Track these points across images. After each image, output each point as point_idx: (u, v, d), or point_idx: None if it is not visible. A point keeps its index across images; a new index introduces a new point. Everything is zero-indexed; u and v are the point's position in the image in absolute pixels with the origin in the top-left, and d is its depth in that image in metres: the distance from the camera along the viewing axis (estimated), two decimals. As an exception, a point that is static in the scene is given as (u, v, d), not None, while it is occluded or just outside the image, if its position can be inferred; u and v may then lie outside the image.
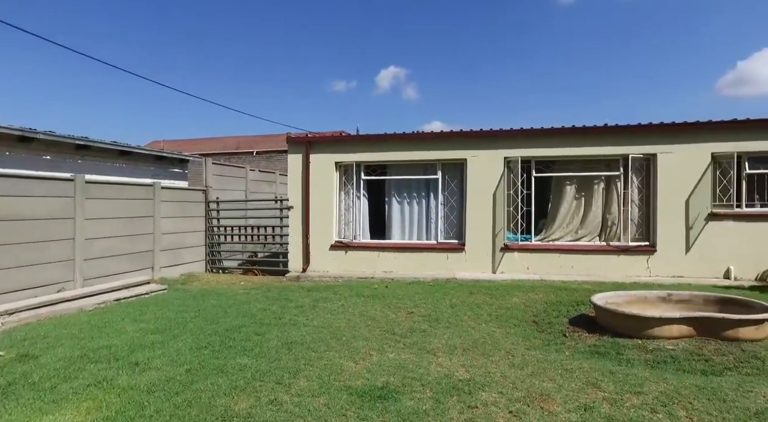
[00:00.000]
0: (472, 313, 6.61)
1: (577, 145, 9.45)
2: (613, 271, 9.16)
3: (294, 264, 10.56)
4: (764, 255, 8.67)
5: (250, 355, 4.66)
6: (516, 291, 7.84)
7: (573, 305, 6.91)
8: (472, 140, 9.88)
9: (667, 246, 9.06)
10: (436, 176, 10.21)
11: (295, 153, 10.65)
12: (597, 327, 5.84)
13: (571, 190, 9.79)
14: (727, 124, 8.85)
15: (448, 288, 8.33)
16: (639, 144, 9.21)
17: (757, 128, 8.77)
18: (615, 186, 9.54)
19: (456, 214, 10.15)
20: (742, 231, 8.80)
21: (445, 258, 9.92)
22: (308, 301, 7.36)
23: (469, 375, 4.19)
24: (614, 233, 9.54)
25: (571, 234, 9.77)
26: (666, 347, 5.11)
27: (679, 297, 6.46)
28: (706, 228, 8.92)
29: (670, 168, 9.07)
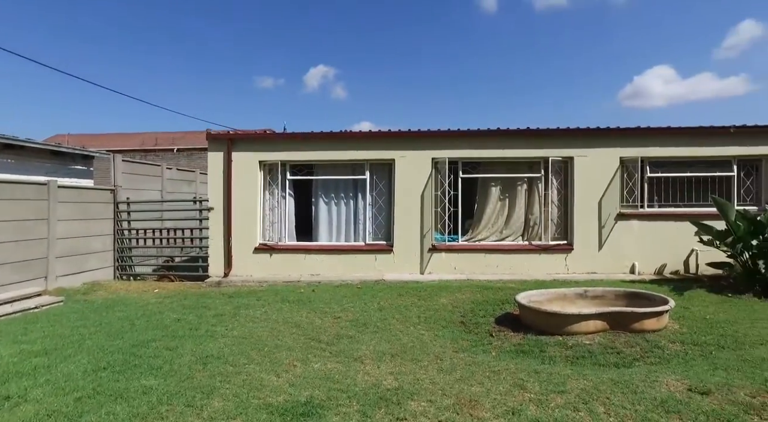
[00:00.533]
0: (401, 316, 6.52)
1: (501, 147, 9.73)
2: (535, 269, 9.54)
3: (215, 268, 9.92)
4: (662, 251, 9.43)
5: (158, 375, 4.18)
6: (444, 292, 7.88)
7: (498, 304, 7.05)
8: (401, 140, 9.84)
9: (582, 244, 9.59)
10: (365, 176, 10.05)
11: (216, 151, 10.00)
12: (521, 325, 5.97)
13: (496, 191, 10.07)
14: (633, 131, 9.54)
15: (376, 290, 8.19)
16: (558, 147, 9.66)
17: (657, 135, 9.53)
18: (536, 187, 9.94)
19: (384, 215, 10.05)
20: (645, 229, 9.52)
21: (373, 259, 9.78)
22: (229, 309, 6.88)
23: (397, 383, 4.05)
24: (536, 233, 9.94)
25: (496, 234, 10.04)
26: (584, 342, 5.31)
27: (593, 293, 6.80)
28: (616, 227, 9.55)
29: (585, 170, 9.61)
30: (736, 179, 9.64)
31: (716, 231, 8.10)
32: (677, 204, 9.73)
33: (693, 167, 9.72)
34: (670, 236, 9.41)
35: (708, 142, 9.49)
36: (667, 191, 9.78)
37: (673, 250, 9.43)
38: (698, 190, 9.73)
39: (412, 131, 9.83)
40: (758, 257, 7.77)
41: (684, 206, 9.68)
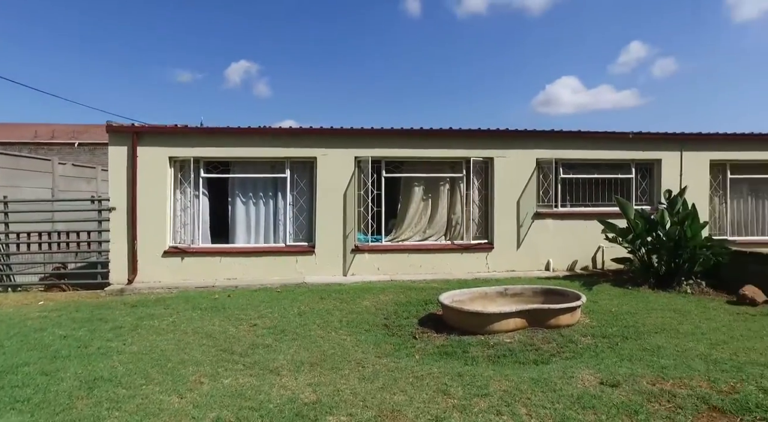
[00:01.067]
0: (322, 321, 6.22)
1: (424, 146, 9.74)
2: (458, 268, 9.66)
3: (117, 275, 8.95)
4: (573, 248, 9.98)
5: (24, 409, 3.52)
6: (367, 294, 7.69)
7: (422, 304, 6.98)
8: (323, 138, 9.53)
9: (502, 243, 9.88)
10: (285, 175, 9.60)
11: (118, 145, 9.04)
12: (445, 325, 5.92)
13: (419, 190, 10.08)
14: (548, 134, 9.99)
15: (297, 294, 7.82)
16: (479, 148, 9.87)
17: (569, 139, 10.06)
18: (459, 187, 10.09)
19: (306, 215, 9.68)
20: (558, 228, 10.02)
21: (294, 261, 9.37)
22: (130, 320, 6.17)
23: (316, 396, 3.76)
24: (458, 232, 10.09)
25: (420, 233, 10.06)
26: (505, 341, 5.36)
27: (513, 291, 6.96)
28: (533, 226, 9.95)
29: (504, 171, 9.90)
30: (634, 181, 10.45)
31: (619, 229, 8.68)
32: (586, 204, 10.35)
33: (599, 169, 10.39)
34: (581, 234, 9.97)
35: (611, 147, 10.18)
36: (577, 192, 10.36)
37: (583, 247, 10.00)
38: (604, 190, 10.41)
39: (335, 128, 9.55)
40: (652, 252, 8.43)
41: (592, 206, 10.31)
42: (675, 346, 4.96)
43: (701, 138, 10.36)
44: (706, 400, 3.61)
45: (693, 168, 10.34)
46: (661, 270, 8.20)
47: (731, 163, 10.72)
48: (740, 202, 10.99)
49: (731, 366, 4.33)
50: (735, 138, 10.51)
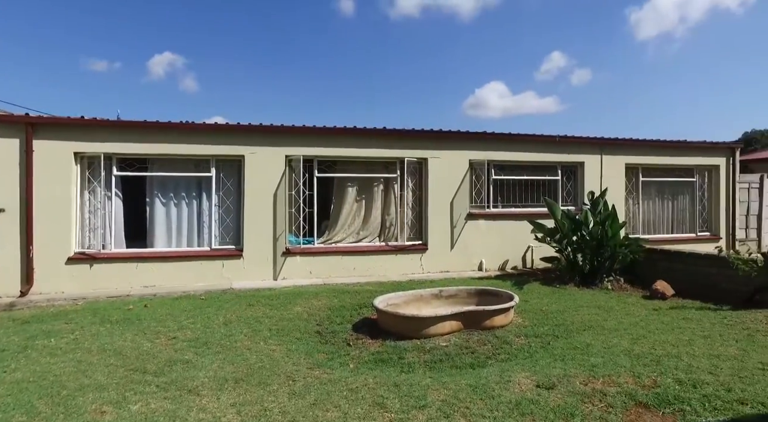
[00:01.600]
0: (250, 330, 5.79)
1: (358, 146, 9.52)
2: (392, 270, 9.53)
3: (6, 286, 7.86)
4: (504, 248, 10.22)
5: None
6: (299, 299, 7.33)
7: (356, 309, 6.75)
8: (252, 135, 9.00)
9: (436, 244, 9.88)
10: (210, 174, 8.96)
11: (7, 137, 7.94)
12: (380, 330, 5.73)
13: (352, 191, 9.83)
14: (481, 135, 10.14)
15: (222, 301, 7.28)
16: (413, 148, 9.80)
17: (500, 141, 10.28)
18: (393, 188, 9.97)
19: (233, 217, 9.09)
20: (491, 228, 10.21)
21: (220, 266, 8.77)
22: (17, 340, 5.36)
23: (240, 418, 3.40)
24: (392, 233, 9.96)
25: (353, 235, 9.81)
26: (441, 344, 5.26)
27: (448, 293, 6.91)
28: (466, 226, 10.05)
29: (438, 172, 9.91)
30: (560, 183, 10.90)
31: (547, 229, 8.97)
32: (516, 204, 10.63)
33: (528, 171, 10.73)
34: (511, 234, 10.22)
35: (540, 149, 10.55)
36: (508, 193, 10.62)
37: (514, 247, 10.26)
38: (533, 191, 10.76)
39: (264, 126, 9.05)
40: (577, 251, 8.80)
41: (522, 206, 10.61)
42: (602, 343, 5.10)
43: (618, 143, 11.02)
44: (633, 396, 3.69)
45: (611, 171, 10.98)
46: (585, 269, 8.56)
47: (643, 166, 11.52)
48: (650, 202, 11.84)
49: (651, 360, 4.50)
50: (646, 144, 11.29)
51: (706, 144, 11.87)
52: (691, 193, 12.13)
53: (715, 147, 11.97)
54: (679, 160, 11.77)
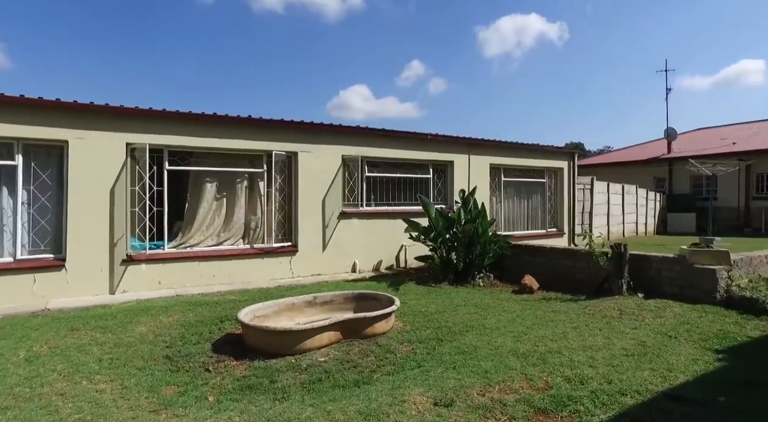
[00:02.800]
0: (68, 365, 4.42)
1: (218, 135, 8.32)
2: (258, 276, 8.53)
3: None
4: (378, 248, 9.91)
5: None
6: (143, 316, 6.00)
7: (216, 323, 5.71)
8: (79, 115, 7.25)
9: (307, 245, 9.13)
10: (15, 162, 6.98)
11: None
12: (246, 348, 4.84)
13: (212, 187, 8.58)
14: (355, 130, 9.69)
15: (30, 328, 5.59)
16: (282, 141, 8.92)
17: (374, 137, 9.96)
18: (259, 184, 8.96)
19: (52, 218, 7.21)
20: (365, 228, 9.81)
21: (31, 281, 6.86)
22: None
23: None
24: (258, 235, 8.95)
25: (213, 237, 8.57)
26: (319, 360, 4.59)
27: (323, 299, 6.26)
28: (339, 226, 9.49)
29: (309, 167, 9.18)
30: (432, 181, 10.98)
31: (422, 227, 8.86)
32: (390, 203, 10.41)
33: (402, 169, 10.58)
34: (385, 233, 9.95)
35: (413, 147, 10.47)
36: (382, 190, 10.34)
37: (388, 246, 10.01)
38: (406, 189, 10.65)
39: (98, 105, 7.36)
40: (451, 249, 8.84)
41: (396, 205, 10.42)
42: (488, 344, 4.92)
43: (484, 143, 11.51)
44: (531, 403, 3.47)
45: (478, 170, 11.41)
46: (459, 266, 8.61)
47: (504, 167, 12.24)
48: (510, 201, 12.65)
49: (537, 359, 4.42)
50: (507, 145, 12.01)
51: (554, 148, 13.09)
52: (542, 193, 13.28)
53: (561, 151, 13.28)
54: (534, 162, 12.77)
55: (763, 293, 5.84)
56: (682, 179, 22.95)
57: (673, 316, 5.71)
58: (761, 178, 20.80)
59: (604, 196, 16.25)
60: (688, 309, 5.92)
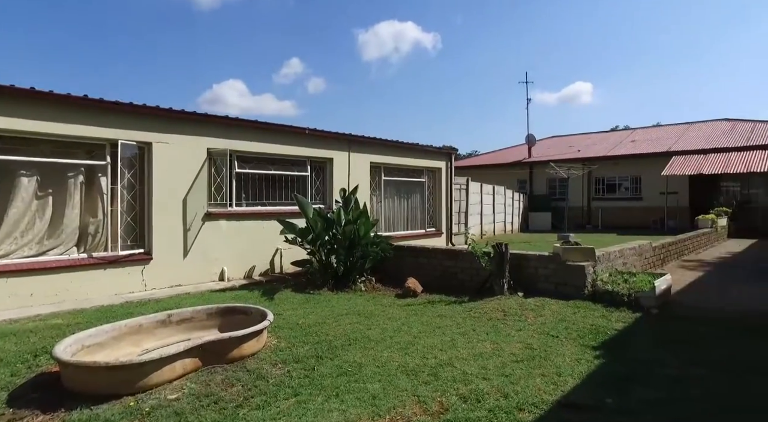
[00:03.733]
0: None
1: (41, 117, 6.60)
2: (100, 291, 7.00)
3: None
4: (250, 252, 8.91)
5: None
6: None
7: (26, 360, 4.37)
8: None
9: (164, 252, 7.77)
10: None
11: None
12: (65, 393, 3.67)
13: (30, 182, 6.80)
14: (222, 120, 8.54)
15: None
16: (132, 128, 7.44)
17: (246, 129, 8.91)
18: (100, 180, 7.37)
19: None
20: (234, 230, 8.73)
21: None
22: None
23: None
24: (99, 241, 7.36)
25: (32, 246, 6.79)
26: (169, 398, 3.63)
27: (180, 316, 5.21)
28: (203, 229, 8.28)
29: (167, 161, 7.82)
30: (309, 179, 10.26)
31: (299, 229, 8.10)
32: (264, 202, 9.45)
33: (277, 165, 9.68)
34: (258, 236, 8.98)
35: (289, 141, 9.64)
36: (254, 189, 9.34)
37: (261, 251, 9.05)
38: (282, 188, 9.77)
39: None
40: (331, 252, 8.24)
41: (270, 204, 9.49)
42: (373, 361, 4.39)
43: (364, 141, 11.11)
44: (427, 433, 2.98)
45: (358, 169, 10.97)
46: (339, 270, 8.04)
47: (385, 165, 11.99)
48: (390, 200, 12.46)
49: (429, 375, 4.01)
50: (388, 143, 11.78)
51: (433, 148, 13.23)
52: (421, 193, 13.34)
53: (440, 151, 13.48)
54: (414, 162, 12.76)
55: (621, 286, 6.23)
56: (540, 181, 25.37)
57: (551, 314, 5.78)
58: (600, 181, 23.86)
59: (478, 196, 17.07)
60: (563, 306, 6.08)
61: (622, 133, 30.00)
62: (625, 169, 22.91)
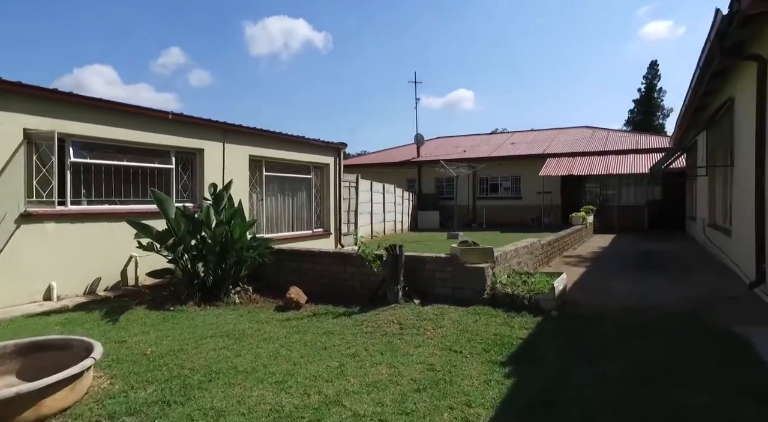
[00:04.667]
0: None
1: None
2: None
3: None
4: (94, 262, 7.17)
5: None
6: None
7: None
8: None
9: (-46, 266, 5.77)
10: None
11: None
12: None
13: None
14: (46, 93, 6.63)
15: None
16: None
17: (84, 107, 7.11)
18: None
19: None
20: (68, 235, 6.90)
21: None
22: None
23: None
24: None
25: None
26: None
27: (-51, 362, 3.63)
28: (19, 234, 6.35)
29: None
30: (174, 173, 8.67)
31: (157, 232, 6.62)
32: (113, 200, 7.69)
33: (132, 155, 7.97)
34: (105, 242, 7.26)
35: (148, 127, 7.99)
36: (102, 183, 7.54)
37: (110, 260, 7.33)
38: (140, 183, 8.08)
39: None
40: (198, 259, 6.88)
41: (123, 203, 7.77)
42: (239, 404, 3.33)
43: (242, 131, 9.76)
44: None
45: (235, 162, 9.60)
46: (208, 281, 6.72)
47: (267, 160, 10.75)
48: (273, 199, 11.24)
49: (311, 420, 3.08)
50: (270, 135, 10.55)
51: (320, 142, 12.26)
52: (308, 190, 12.30)
53: (328, 146, 12.55)
54: (299, 156, 11.67)
55: (521, 288, 5.89)
56: (428, 181, 25.72)
57: (452, 324, 5.18)
58: (484, 181, 24.89)
59: (368, 194, 16.48)
60: (463, 314, 5.53)
61: (502, 135, 31.84)
62: (507, 169, 24.13)
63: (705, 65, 7.08)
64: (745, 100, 7.41)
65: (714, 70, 7.60)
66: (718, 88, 9.35)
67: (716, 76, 8.28)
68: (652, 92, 47.76)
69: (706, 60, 6.92)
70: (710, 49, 6.52)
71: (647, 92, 47.90)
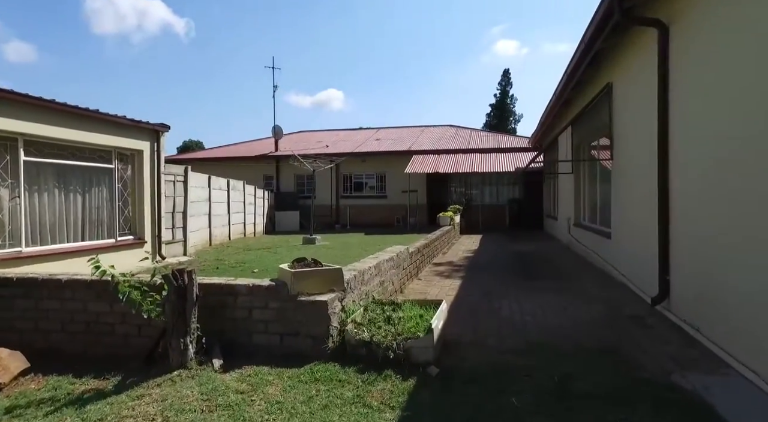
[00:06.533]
0: None
1: None
2: None
3: None
4: None
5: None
6: None
7: None
8: None
9: None
10: None
11: None
12: None
13: None
14: None
15: None
16: None
17: None
18: None
19: None
20: None
21: None
22: None
23: None
24: None
25: None
26: None
27: None
28: None
29: None
30: None
31: None
32: None
33: None
34: None
35: None
36: None
37: None
38: None
39: None
40: None
41: None
42: None
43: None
44: None
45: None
46: None
47: (32, 138, 7.35)
48: (46, 195, 7.83)
49: None
50: (39, 103, 7.19)
51: (128, 120, 9.08)
52: (110, 185, 9.04)
53: (139, 126, 9.40)
54: (94, 138, 8.42)
55: (383, 330, 3.91)
56: (288, 178, 23.11)
57: (269, 411, 2.95)
58: (347, 178, 23.13)
59: (205, 191, 13.38)
60: (291, 385, 3.32)
61: (368, 131, 30.50)
62: (372, 166, 22.69)
63: (596, 32, 5.94)
64: (629, 82, 6.57)
65: (597, 48, 6.59)
66: (590, 78, 8.63)
67: (590, 64, 7.43)
68: (506, 98, 51.25)
69: (597, 25, 5.75)
70: (606, 10, 5.31)
71: (502, 97, 51.26)
